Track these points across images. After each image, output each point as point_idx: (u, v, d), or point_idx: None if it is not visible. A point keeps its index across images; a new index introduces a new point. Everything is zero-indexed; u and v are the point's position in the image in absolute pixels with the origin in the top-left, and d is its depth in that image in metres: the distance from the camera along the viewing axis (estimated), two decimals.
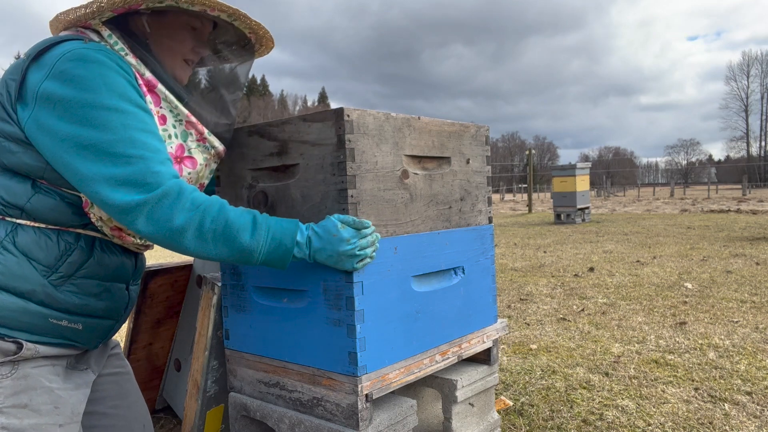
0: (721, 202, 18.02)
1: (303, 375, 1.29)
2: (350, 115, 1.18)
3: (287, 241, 1.10)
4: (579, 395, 2.15)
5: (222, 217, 1.05)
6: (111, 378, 1.33)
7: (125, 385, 1.36)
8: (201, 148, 1.24)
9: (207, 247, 1.05)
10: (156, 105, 1.15)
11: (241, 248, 1.07)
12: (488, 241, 1.59)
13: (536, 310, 3.63)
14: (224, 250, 1.06)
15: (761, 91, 73.97)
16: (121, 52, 1.10)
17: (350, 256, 1.12)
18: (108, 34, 1.11)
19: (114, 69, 1.05)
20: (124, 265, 1.22)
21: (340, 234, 1.12)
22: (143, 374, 2.01)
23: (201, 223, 1.03)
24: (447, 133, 1.45)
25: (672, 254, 5.85)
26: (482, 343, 1.56)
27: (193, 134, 1.21)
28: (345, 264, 1.13)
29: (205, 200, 1.06)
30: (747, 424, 1.85)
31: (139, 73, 1.12)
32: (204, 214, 1.04)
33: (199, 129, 1.22)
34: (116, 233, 1.15)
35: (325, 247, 1.12)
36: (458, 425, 1.49)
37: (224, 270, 1.45)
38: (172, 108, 1.17)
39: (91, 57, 1.04)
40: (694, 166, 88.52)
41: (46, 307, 1.09)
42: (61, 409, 1.12)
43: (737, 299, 3.67)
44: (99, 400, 1.29)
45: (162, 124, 1.15)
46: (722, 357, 2.53)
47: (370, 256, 1.16)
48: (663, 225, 9.57)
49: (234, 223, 1.06)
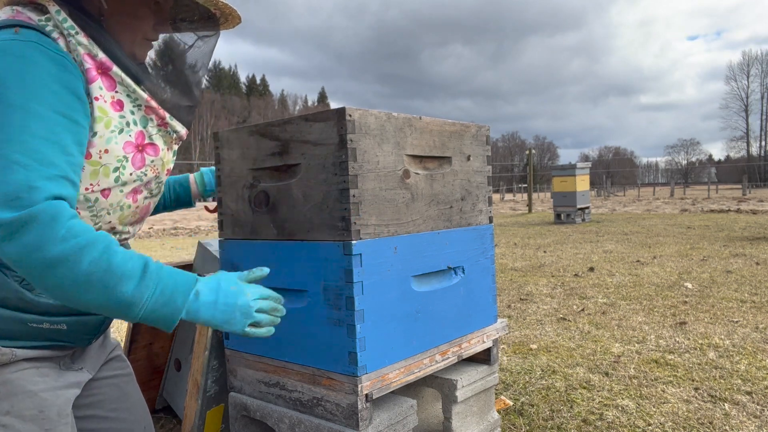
0: (721, 202, 18.02)
1: (303, 375, 1.29)
2: (352, 115, 1.18)
3: (179, 299, 0.96)
4: (579, 395, 2.15)
5: (105, 258, 0.90)
6: (111, 381, 1.31)
7: (125, 388, 1.34)
8: (162, 133, 1.16)
9: (77, 291, 0.89)
10: (110, 89, 1.05)
11: (120, 300, 0.91)
12: (488, 241, 1.59)
13: (536, 310, 3.63)
14: (98, 298, 0.90)
15: (761, 90, 74.01)
16: (71, 30, 1.00)
17: (245, 313, 1.02)
18: (56, 10, 1.01)
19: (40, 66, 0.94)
20: None
21: (239, 286, 1.03)
22: (143, 374, 2.01)
23: (77, 261, 0.87)
24: (448, 133, 1.45)
25: (672, 254, 5.85)
26: (482, 343, 1.56)
27: (153, 120, 1.13)
28: (236, 322, 1.01)
29: (87, 233, 0.90)
30: (747, 424, 1.85)
31: (90, 54, 1.02)
32: (83, 251, 0.88)
33: (160, 114, 1.13)
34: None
35: (218, 300, 1.00)
36: (458, 425, 1.49)
37: (224, 270, 1.45)
38: (130, 92, 1.07)
39: (13, 51, 0.94)
40: (694, 166, 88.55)
41: (23, 311, 1.03)
42: (47, 413, 1.07)
43: (737, 299, 3.67)
44: (99, 404, 1.27)
45: (118, 110, 1.06)
46: (722, 357, 2.53)
47: (265, 324, 1.05)
48: (663, 225, 9.57)
49: (118, 268, 0.91)
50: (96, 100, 1.03)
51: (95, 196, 1.06)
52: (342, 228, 1.19)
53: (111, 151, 1.06)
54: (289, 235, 1.29)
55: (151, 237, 11.34)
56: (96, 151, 1.04)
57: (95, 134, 1.03)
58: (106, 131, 1.04)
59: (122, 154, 1.08)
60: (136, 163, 1.11)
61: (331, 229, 1.21)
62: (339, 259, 1.19)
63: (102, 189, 1.07)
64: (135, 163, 1.11)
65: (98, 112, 1.03)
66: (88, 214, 1.08)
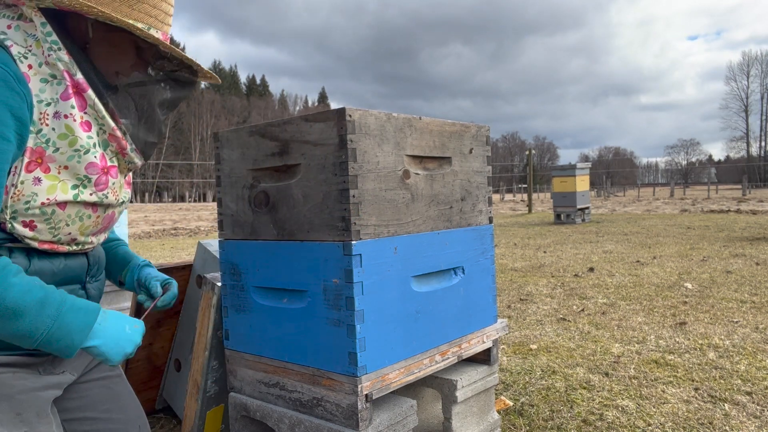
0: (721, 202, 18.02)
1: (303, 375, 1.29)
2: (352, 116, 1.18)
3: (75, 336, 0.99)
4: (579, 395, 2.15)
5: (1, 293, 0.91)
6: (100, 382, 1.30)
7: (116, 388, 1.32)
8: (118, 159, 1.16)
9: None
10: (81, 110, 1.05)
11: (15, 332, 0.94)
12: (488, 241, 1.59)
13: (536, 310, 3.63)
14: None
15: (761, 91, 74.02)
16: (54, 45, 1.01)
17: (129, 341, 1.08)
18: (42, 22, 1.01)
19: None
20: (71, 266, 1.15)
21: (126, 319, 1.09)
22: (143, 374, 2.01)
23: None
24: (448, 133, 1.45)
25: (672, 254, 5.85)
26: (482, 343, 1.56)
27: (114, 147, 1.13)
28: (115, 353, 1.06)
29: None
30: (747, 424, 1.85)
31: (69, 72, 1.03)
32: None
33: (122, 144, 1.13)
34: (48, 246, 1.08)
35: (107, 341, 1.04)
36: (458, 425, 1.49)
37: (224, 270, 1.45)
38: (98, 117, 1.08)
39: None
40: (694, 166, 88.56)
41: None
42: (24, 415, 1.06)
43: (737, 299, 3.67)
44: (90, 405, 1.26)
45: (87, 130, 1.06)
46: (722, 357, 2.53)
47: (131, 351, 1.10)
48: (663, 225, 9.57)
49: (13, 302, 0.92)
50: (65, 118, 1.03)
51: (52, 209, 1.05)
52: (342, 228, 1.19)
53: (71, 168, 1.05)
54: (289, 235, 1.29)
55: (151, 237, 11.35)
56: (55, 166, 1.03)
57: (57, 150, 1.03)
58: (69, 149, 1.04)
59: (83, 174, 1.07)
60: (99, 184, 1.11)
61: (331, 230, 1.21)
62: (339, 259, 1.19)
63: (59, 202, 1.05)
64: (98, 185, 1.10)
65: (65, 129, 1.03)
66: (46, 227, 1.06)
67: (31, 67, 1.01)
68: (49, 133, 1.02)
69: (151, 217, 19.56)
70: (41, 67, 1.02)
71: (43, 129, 1.01)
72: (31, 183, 1.01)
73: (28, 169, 1.00)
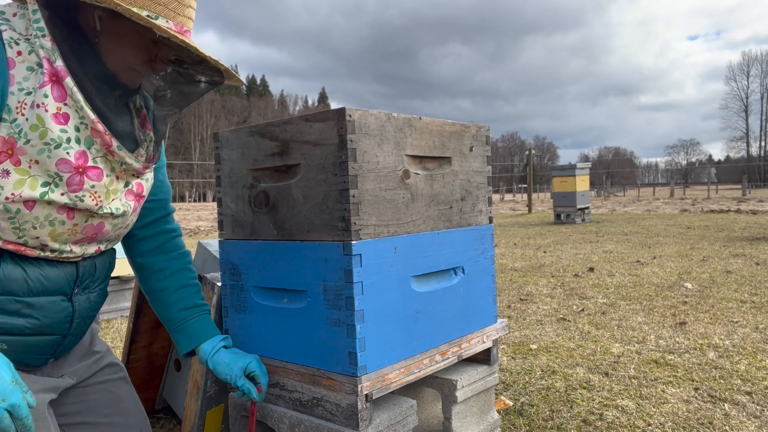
0: (721, 202, 18.02)
1: (303, 375, 1.29)
2: (352, 115, 1.18)
3: None
4: (579, 395, 2.15)
5: None
6: (102, 386, 1.29)
7: (117, 392, 1.32)
8: (108, 160, 1.08)
9: None
10: (59, 100, 0.99)
11: None
12: (488, 241, 1.59)
13: (536, 310, 3.63)
14: None
15: (761, 91, 74.05)
16: (38, 32, 0.96)
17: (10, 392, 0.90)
18: (33, 9, 0.97)
19: None
20: (48, 277, 1.07)
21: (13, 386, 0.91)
22: (143, 374, 2.01)
23: None
24: (448, 133, 1.45)
25: (672, 254, 5.85)
26: (482, 343, 1.56)
27: (98, 144, 1.05)
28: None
29: None
30: (747, 424, 1.85)
31: (49, 60, 0.97)
32: None
33: (105, 140, 1.05)
34: (12, 247, 1.02)
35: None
36: (458, 425, 1.49)
37: (224, 270, 1.45)
38: (78, 108, 1.00)
39: None
40: (694, 166, 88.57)
41: None
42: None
43: (737, 299, 3.67)
44: (91, 410, 1.26)
45: (61, 123, 0.99)
46: (722, 357, 2.53)
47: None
48: (663, 225, 9.57)
49: None
50: (37, 108, 0.97)
51: (17, 207, 0.98)
52: (342, 228, 1.19)
53: (41, 163, 0.98)
54: (289, 235, 1.30)
55: None
56: (26, 160, 0.97)
57: (28, 142, 0.97)
58: (39, 142, 0.97)
59: (54, 170, 1.00)
60: (71, 184, 1.02)
61: (331, 230, 1.21)
62: (339, 259, 1.19)
63: (25, 200, 0.98)
64: (70, 185, 1.02)
65: (36, 120, 0.97)
66: (10, 226, 0.99)
67: (20, 54, 0.97)
68: (23, 123, 0.96)
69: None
70: (30, 55, 0.98)
71: (18, 119, 0.96)
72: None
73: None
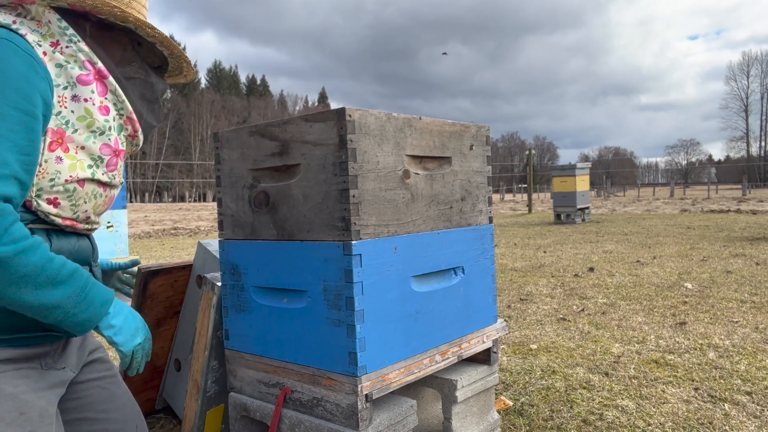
0: (721, 202, 18.02)
1: (303, 375, 1.29)
2: (352, 115, 1.18)
3: (99, 310, 1.06)
4: (579, 395, 2.15)
5: (41, 263, 0.97)
6: (96, 383, 1.29)
7: (112, 388, 1.32)
8: (128, 143, 1.25)
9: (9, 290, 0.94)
10: (101, 95, 1.13)
11: (48, 303, 0.98)
12: (488, 241, 1.59)
13: (536, 310, 3.63)
14: (28, 299, 0.96)
15: (761, 91, 74.04)
16: (74, 38, 1.09)
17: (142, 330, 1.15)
18: (58, 18, 1.08)
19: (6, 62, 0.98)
20: (83, 247, 1.21)
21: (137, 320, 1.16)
22: (143, 374, 2.01)
23: (15, 263, 0.93)
24: (448, 133, 1.45)
25: (672, 254, 5.85)
26: (482, 343, 1.56)
27: (128, 129, 1.22)
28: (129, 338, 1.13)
29: (25, 237, 0.96)
30: (747, 424, 1.85)
31: (91, 61, 1.11)
32: (21, 254, 0.94)
33: (135, 127, 1.23)
34: (68, 223, 1.14)
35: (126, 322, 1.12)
36: (458, 425, 1.49)
37: (224, 270, 1.45)
38: (118, 101, 1.17)
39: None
40: (694, 166, 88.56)
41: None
42: (28, 415, 1.06)
43: (737, 299, 3.67)
44: (87, 406, 1.26)
45: (105, 114, 1.14)
46: (722, 357, 2.53)
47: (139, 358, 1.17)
48: (663, 225, 9.57)
49: (53, 273, 0.98)
50: (85, 101, 1.10)
51: (74, 186, 1.10)
52: (342, 228, 1.19)
53: (87, 149, 1.11)
54: (289, 235, 1.30)
55: (151, 237, 11.35)
56: (73, 147, 1.09)
57: (76, 131, 1.09)
58: (86, 131, 1.11)
59: (98, 154, 1.13)
60: (110, 165, 1.17)
61: (331, 230, 1.21)
62: (339, 259, 1.19)
63: (79, 179, 1.11)
64: (109, 166, 1.17)
65: (84, 112, 1.10)
66: (68, 203, 1.11)
67: (45, 54, 1.07)
68: (68, 115, 1.08)
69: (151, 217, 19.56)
70: (54, 54, 1.08)
71: (62, 111, 1.07)
72: (54, 162, 1.06)
73: (51, 148, 1.06)
